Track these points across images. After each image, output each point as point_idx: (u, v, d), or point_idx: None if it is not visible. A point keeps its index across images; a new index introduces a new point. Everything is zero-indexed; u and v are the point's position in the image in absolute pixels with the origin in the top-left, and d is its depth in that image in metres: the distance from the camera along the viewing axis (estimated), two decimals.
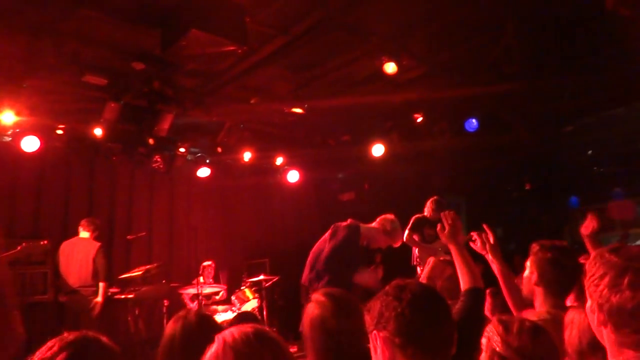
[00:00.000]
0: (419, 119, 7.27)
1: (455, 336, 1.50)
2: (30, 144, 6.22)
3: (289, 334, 6.67)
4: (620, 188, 8.99)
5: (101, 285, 6.06)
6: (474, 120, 6.97)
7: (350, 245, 4.18)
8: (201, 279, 6.80)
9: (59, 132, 6.58)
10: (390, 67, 5.29)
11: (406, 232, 5.53)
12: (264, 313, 6.93)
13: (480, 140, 7.14)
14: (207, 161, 7.94)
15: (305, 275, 4.29)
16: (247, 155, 7.91)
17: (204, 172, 7.87)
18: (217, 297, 7.32)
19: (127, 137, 6.49)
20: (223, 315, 6.71)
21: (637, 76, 5.85)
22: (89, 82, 5.50)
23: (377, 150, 7.64)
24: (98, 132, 6.28)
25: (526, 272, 2.48)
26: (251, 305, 7.06)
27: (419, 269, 5.55)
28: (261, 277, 7.29)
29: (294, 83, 6.22)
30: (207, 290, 6.93)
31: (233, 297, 7.16)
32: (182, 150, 7.24)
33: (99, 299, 6.03)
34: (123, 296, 6.17)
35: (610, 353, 1.34)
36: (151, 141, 6.36)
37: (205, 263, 7.37)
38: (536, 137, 7.52)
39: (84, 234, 6.26)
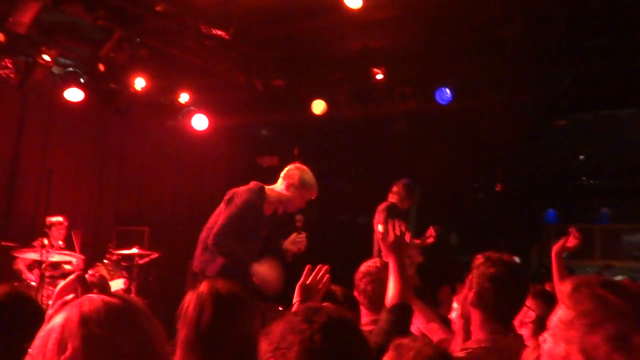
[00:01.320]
0: (378, 76, 7.28)
1: None
2: None
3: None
4: (609, 209, 9.47)
5: None
6: (447, 90, 7.08)
7: (251, 213, 4.28)
8: (46, 242, 6.61)
9: None
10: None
11: (380, 226, 5.68)
12: None
13: (450, 117, 7.29)
14: (82, 81, 7.61)
15: (197, 259, 4.36)
16: (139, 83, 7.67)
17: (74, 94, 7.54)
18: (68, 268, 7.12)
19: None
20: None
21: None
22: None
23: (317, 107, 7.67)
24: None
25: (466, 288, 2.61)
26: (114, 286, 6.98)
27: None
28: (134, 250, 7.29)
29: None
30: (55, 257, 6.74)
31: (90, 272, 6.98)
32: (45, 58, 6.85)
33: None
34: None
35: None
36: (1, 37, 5.98)
37: (54, 219, 7.14)
38: (520, 126, 7.75)
39: None
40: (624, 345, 1.29)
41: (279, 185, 4.56)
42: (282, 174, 4.60)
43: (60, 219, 7.21)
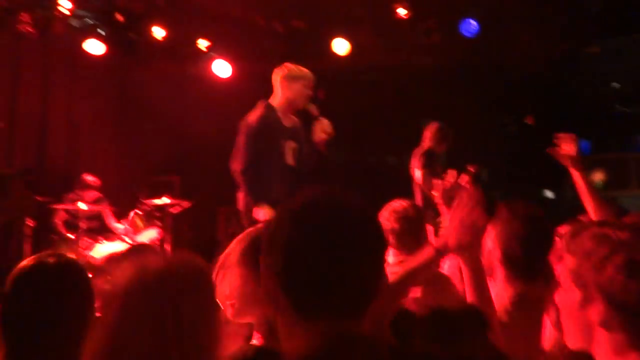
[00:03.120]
0: (400, 10, 7.09)
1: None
2: None
3: None
4: None
5: None
6: (472, 22, 6.87)
7: (258, 128, 4.46)
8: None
9: None
10: None
11: (418, 172, 6.08)
12: (167, 249, 6.92)
13: (477, 50, 7.11)
14: (102, 33, 7.52)
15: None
16: (158, 32, 7.59)
17: (95, 47, 7.49)
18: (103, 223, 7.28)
19: None
20: (108, 247, 6.62)
21: None
22: None
23: (340, 46, 7.52)
24: None
25: (488, 243, 2.54)
26: (148, 236, 7.07)
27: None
28: (165, 199, 7.27)
29: None
30: (90, 212, 6.89)
31: (121, 225, 7.15)
32: (64, 10, 6.78)
33: None
34: None
35: (606, 356, 1.37)
36: None
37: (88, 178, 7.21)
38: (549, 56, 7.54)
39: None
40: (636, 272, 1.30)
41: (276, 93, 4.66)
42: (272, 78, 4.69)
43: (92, 178, 7.27)
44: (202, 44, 8.19)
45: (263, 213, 4.35)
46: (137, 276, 1.46)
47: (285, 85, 4.61)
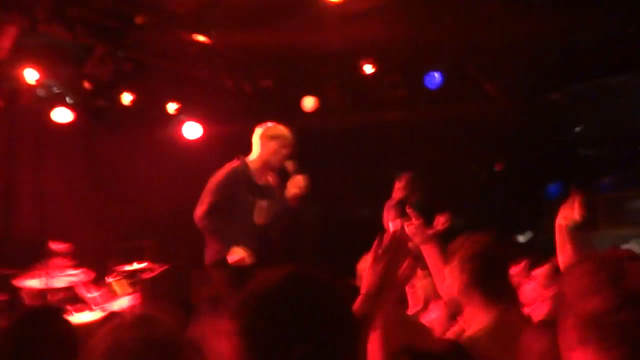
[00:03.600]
0: (367, 67, 7.22)
1: None
2: None
3: None
4: (611, 178, 9.41)
5: None
6: (436, 75, 7.01)
7: (228, 181, 4.54)
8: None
9: None
10: None
11: (392, 224, 5.97)
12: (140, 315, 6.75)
13: (442, 101, 7.23)
14: (69, 101, 7.51)
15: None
16: (126, 97, 7.61)
17: (62, 115, 7.47)
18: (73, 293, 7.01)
19: None
20: (77, 317, 6.43)
21: None
22: None
23: (307, 103, 7.65)
24: None
25: (450, 278, 2.63)
26: (121, 303, 6.86)
27: None
28: (139, 264, 7.12)
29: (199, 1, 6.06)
30: (59, 282, 6.63)
31: (91, 293, 6.90)
32: (30, 81, 6.76)
33: None
34: None
35: None
36: None
37: (57, 246, 7.04)
38: (514, 104, 7.70)
39: None
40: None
41: (254, 150, 4.74)
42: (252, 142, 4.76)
43: (61, 246, 7.10)
44: (171, 107, 8.23)
45: (237, 255, 4.32)
46: (112, 346, 1.44)
47: (262, 143, 4.69)
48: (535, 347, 1.92)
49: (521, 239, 10.38)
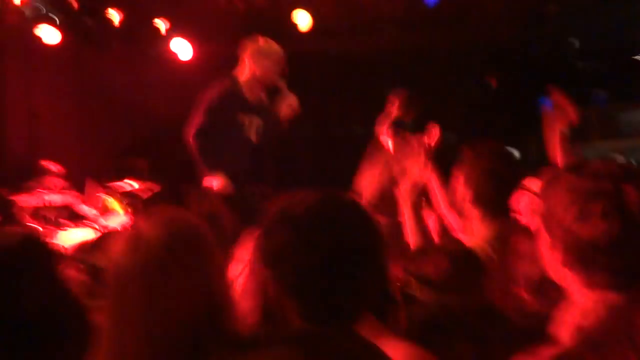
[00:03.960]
0: None
1: None
2: None
3: None
4: (604, 90, 9.40)
5: None
6: None
7: (220, 100, 4.41)
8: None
9: None
10: None
11: (390, 140, 5.87)
12: None
13: (438, 19, 7.09)
14: (57, 22, 7.36)
15: None
16: (115, 17, 7.49)
17: (51, 36, 7.33)
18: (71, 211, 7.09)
19: None
20: (73, 233, 6.50)
21: None
22: None
23: (301, 19, 7.43)
24: None
25: (458, 187, 2.61)
26: (118, 220, 6.81)
27: None
28: (133, 183, 7.09)
29: None
30: (54, 199, 6.76)
31: (86, 210, 7.00)
32: (16, 1, 6.62)
33: None
34: None
35: (571, 294, 1.42)
36: None
37: (50, 165, 7.10)
38: (509, 16, 7.57)
39: None
40: (589, 220, 1.31)
41: (244, 66, 4.57)
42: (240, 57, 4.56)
43: (54, 167, 7.14)
44: (161, 25, 8.07)
45: (216, 182, 4.29)
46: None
47: (253, 60, 4.53)
48: (524, 248, 1.98)
49: (514, 152, 10.46)
